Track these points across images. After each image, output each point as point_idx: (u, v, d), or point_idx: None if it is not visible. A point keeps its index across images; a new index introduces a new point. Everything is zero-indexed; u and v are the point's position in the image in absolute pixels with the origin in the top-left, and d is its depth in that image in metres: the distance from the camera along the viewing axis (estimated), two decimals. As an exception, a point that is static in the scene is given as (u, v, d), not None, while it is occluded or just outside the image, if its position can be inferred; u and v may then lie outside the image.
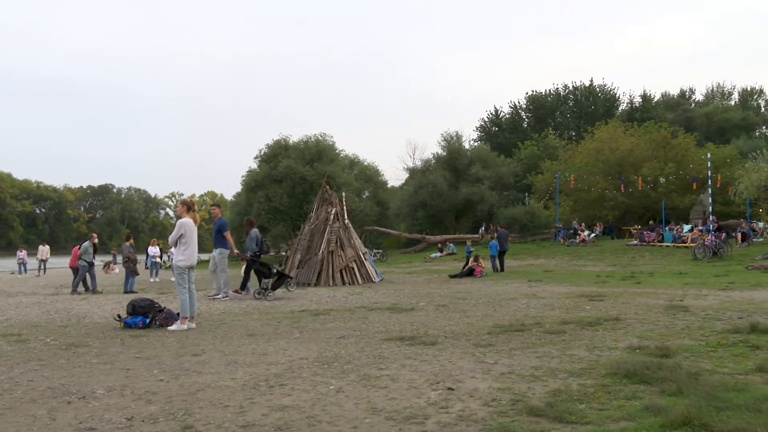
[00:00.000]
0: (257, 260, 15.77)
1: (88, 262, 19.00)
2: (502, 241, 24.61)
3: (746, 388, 5.06)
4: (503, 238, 24.83)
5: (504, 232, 25.82)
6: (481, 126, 68.41)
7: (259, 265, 15.54)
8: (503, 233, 25.58)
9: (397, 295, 15.27)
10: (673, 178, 39.16)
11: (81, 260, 18.95)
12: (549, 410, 4.72)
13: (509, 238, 25.21)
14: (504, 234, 25.49)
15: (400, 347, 7.66)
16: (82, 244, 19.71)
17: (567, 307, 11.59)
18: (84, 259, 18.95)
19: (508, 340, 7.94)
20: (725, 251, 25.17)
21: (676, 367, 5.75)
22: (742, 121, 63.27)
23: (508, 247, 25.24)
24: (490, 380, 5.83)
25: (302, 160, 42.74)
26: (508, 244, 25.14)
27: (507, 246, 25.08)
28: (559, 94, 66.31)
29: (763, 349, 6.81)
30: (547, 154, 51.43)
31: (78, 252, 19.19)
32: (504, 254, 24.66)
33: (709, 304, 11.35)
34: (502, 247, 24.38)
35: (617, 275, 19.81)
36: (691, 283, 16.20)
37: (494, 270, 23.72)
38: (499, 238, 24.78)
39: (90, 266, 19.11)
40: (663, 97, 72.42)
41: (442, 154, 48.52)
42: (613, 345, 7.42)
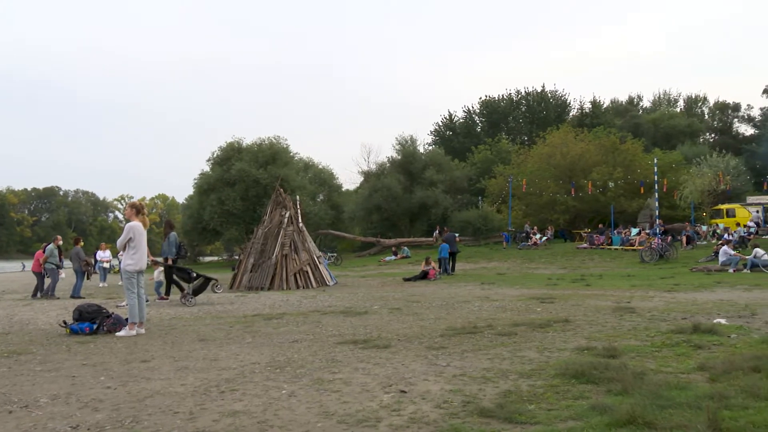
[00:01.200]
0: (175, 265, 15.48)
1: (56, 265, 18.35)
2: (450, 243, 24.89)
3: (688, 387, 5.22)
4: (450, 241, 25.08)
5: (451, 235, 26.13)
6: (436, 130, 68.94)
7: (176, 270, 15.28)
8: (450, 236, 25.88)
9: (351, 298, 15.25)
10: (621, 183, 40.14)
11: (49, 263, 18.32)
12: (499, 411, 4.78)
13: (457, 240, 25.45)
14: (451, 237, 25.76)
15: (354, 351, 7.65)
16: (46, 247, 19.05)
17: (518, 309, 11.75)
18: (51, 262, 18.32)
19: (461, 343, 8.01)
20: (671, 254, 25.91)
21: (622, 367, 5.89)
22: (687, 128, 65.27)
23: (457, 249, 25.48)
24: (442, 382, 5.87)
25: (256, 163, 42.32)
26: (456, 246, 25.37)
27: (455, 248, 25.31)
28: (511, 100, 67.27)
29: (705, 348, 7.03)
30: (500, 158, 52.14)
31: (43, 256, 18.54)
32: (454, 256, 24.91)
33: (655, 305, 11.66)
34: (451, 249, 24.68)
35: (568, 278, 20.19)
36: (638, 285, 16.62)
37: (444, 273, 24.03)
38: (446, 241, 25.05)
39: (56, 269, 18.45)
40: (612, 104, 74.13)
41: (397, 158, 48.75)
42: (563, 346, 7.55)
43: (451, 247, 24.73)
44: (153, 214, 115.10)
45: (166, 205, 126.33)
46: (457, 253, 25.30)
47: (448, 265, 24.27)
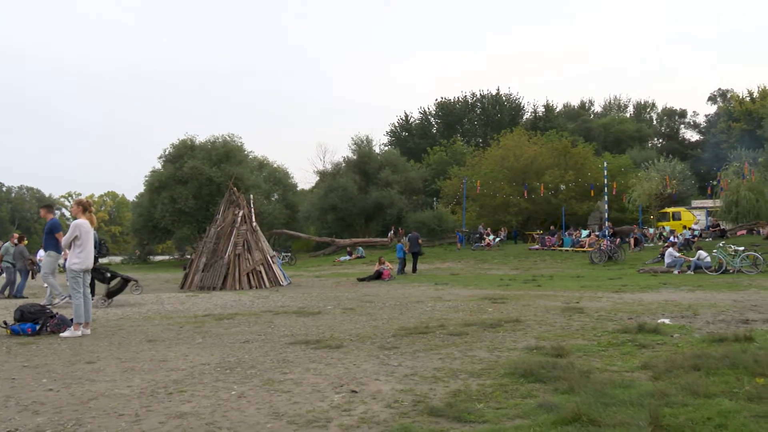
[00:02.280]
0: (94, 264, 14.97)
1: (11, 263, 17.64)
2: (412, 243, 25.12)
3: (632, 385, 5.36)
4: (413, 241, 25.37)
5: (414, 236, 26.35)
6: (392, 131, 69.20)
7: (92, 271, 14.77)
8: (413, 236, 26.12)
9: (304, 298, 15.17)
10: (572, 186, 40.96)
11: (4, 262, 17.64)
12: (449, 410, 4.82)
13: (420, 241, 25.77)
14: (414, 237, 25.99)
15: (305, 351, 7.62)
16: (3, 245, 18.34)
17: (471, 309, 11.87)
18: (6, 260, 17.63)
19: (413, 343, 8.05)
20: (619, 255, 26.53)
21: (569, 366, 6.01)
22: (636, 133, 67.01)
23: (418, 250, 25.71)
24: (393, 382, 5.89)
25: (209, 160, 41.75)
26: (418, 246, 25.61)
27: (417, 248, 25.52)
28: (467, 102, 67.96)
29: (649, 347, 7.23)
30: (455, 159, 52.61)
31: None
32: (416, 256, 25.23)
33: (603, 305, 11.92)
34: (412, 250, 24.89)
35: (519, 278, 20.48)
36: (587, 285, 16.96)
37: (398, 272, 24.31)
38: (409, 241, 25.39)
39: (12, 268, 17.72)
40: (565, 108, 75.55)
41: (353, 158, 48.73)
42: (513, 346, 7.66)
43: (412, 248, 25.09)
44: (102, 212, 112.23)
45: (116, 203, 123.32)
46: (420, 254, 25.54)
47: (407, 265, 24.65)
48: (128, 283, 14.89)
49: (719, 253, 20.25)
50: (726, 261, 19.86)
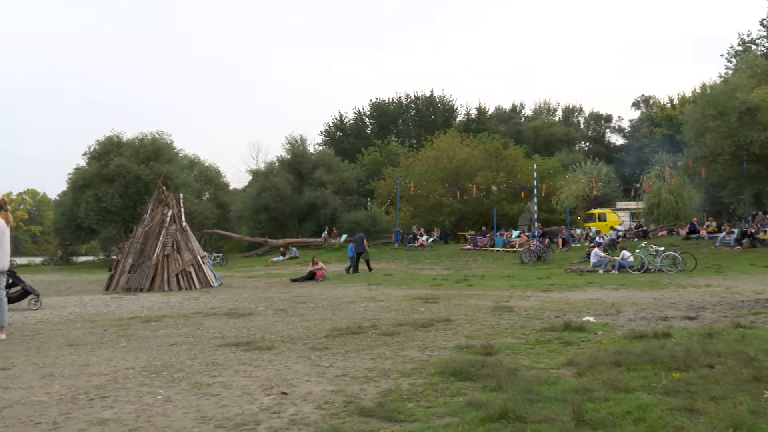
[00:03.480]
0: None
1: None
2: (358, 244, 25.42)
3: (557, 381, 5.50)
4: (359, 242, 25.55)
5: (359, 236, 26.52)
6: (326, 131, 68.94)
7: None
8: (358, 237, 26.29)
9: (235, 299, 14.93)
10: (503, 187, 41.78)
11: None
12: (379, 410, 4.84)
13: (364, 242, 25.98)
14: (359, 237, 26.16)
15: (235, 353, 7.50)
16: None
17: (403, 309, 11.94)
18: None
19: (344, 343, 8.03)
20: (548, 255, 27.22)
21: (498, 364, 6.12)
22: (564, 136, 68.97)
23: (363, 250, 25.80)
24: (324, 383, 5.86)
25: (137, 158, 40.50)
26: (363, 247, 25.77)
27: (363, 248, 25.67)
28: (401, 103, 68.40)
29: (574, 345, 7.44)
30: (389, 160, 52.85)
31: None
32: (361, 256, 25.54)
33: (531, 304, 12.21)
34: (358, 250, 25.27)
35: (452, 278, 20.73)
36: (517, 285, 17.33)
37: (346, 271, 24.88)
38: (355, 241, 25.70)
39: None
40: (496, 111, 77.00)
41: (286, 157, 48.27)
42: (443, 345, 7.74)
43: (357, 248, 25.34)
44: (20, 211, 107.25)
45: (36, 201, 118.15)
46: (362, 254, 25.73)
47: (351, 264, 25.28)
48: (26, 296, 13.54)
49: (641, 253, 21.03)
50: (648, 261, 20.64)
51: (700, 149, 27.09)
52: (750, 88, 24.22)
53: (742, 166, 26.80)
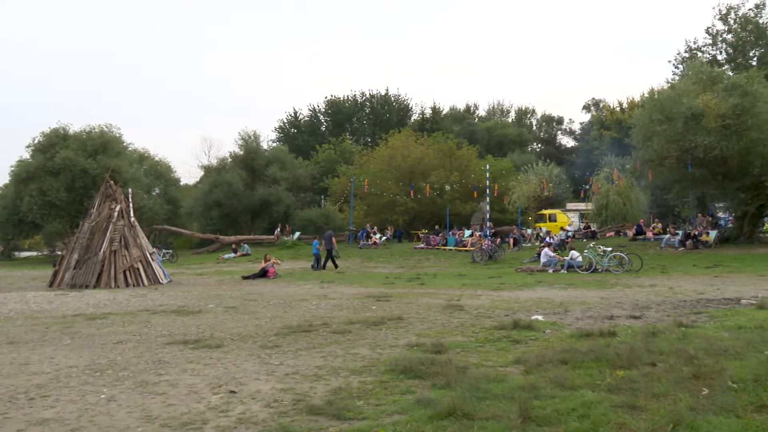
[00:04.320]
0: None
1: None
2: (327, 241, 25.73)
3: (505, 379, 5.58)
4: (328, 239, 25.85)
5: (329, 234, 26.75)
6: (280, 127, 68.37)
7: None
8: (328, 234, 26.56)
9: (185, 297, 14.68)
10: (456, 187, 42.10)
11: None
12: (328, 408, 4.83)
13: (333, 239, 26.18)
14: (328, 235, 26.40)
15: (183, 351, 7.38)
16: None
17: (355, 307, 11.94)
18: None
19: (295, 341, 7.99)
20: (499, 255, 27.56)
21: (447, 362, 6.17)
22: (517, 137, 69.96)
23: (331, 247, 26.04)
24: (273, 381, 5.82)
25: (84, 151, 39.35)
26: (331, 243, 26.05)
27: (330, 245, 25.91)
28: (356, 101, 68.33)
29: (522, 343, 7.56)
30: (343, 158, 52.71)
31: None
32: (330, 253, 25.80)
33: (482, 303, 12.35)
34: (327, 247, 25.57)
35: (404, 277, 20.81)
36: (468, 284, 17.50)
37: (313, 268, 25.18)
38: (324, 239, 26.00)
39: None
40: (451, 111, 77.59)
41: (239, 153, 47.67)
42: (394, 343, 7.77)
43: (326, 245, 25.67)
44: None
45: None
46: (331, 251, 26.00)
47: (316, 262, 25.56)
48: None
49: (590, 254, 21.48)
50: (595, 261, 21.10)
51: (647, 153, 27.73)
52: (695, 94, 24.93)
53: (687, 170, 27.57)
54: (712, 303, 11.35)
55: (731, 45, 45.86)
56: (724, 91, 24.74)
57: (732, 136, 24.27)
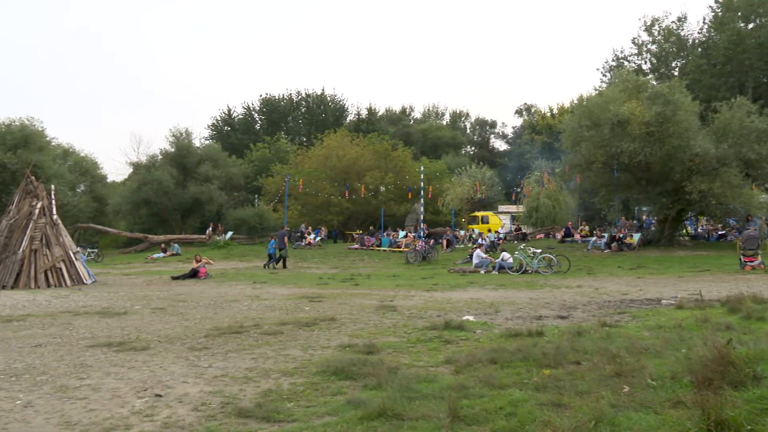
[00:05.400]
0: None
1: None
2: (280, 240, 26.00)
3: (435, 379, 5.63)
4: (280, 238, 26.11)
5: (282, 233, 26.90)
6: (213, 124, 67.13)
7: None
8: (281, 233, 26.76)
9: (110, 298, 14.20)
10: (391, 188, 42.33)
11: None
12: (258, 411, 4.76)
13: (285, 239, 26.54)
14: (281, 234, 26.59)
15: (107, 354, 7.13)
16: None
17: (287, 308, 11.82)
18: None
19: (225, 343, 7.84)
20: (433, 256, 27.85)
21: (379, 363, 6.18)
22: (451, 140, 70.90)
23: (284, 246, 26.25)
24: (202, 384, 5.70)
25: (3, 145, 37.56)
26: (283, 243, 26.22)
27: (284, 245, 26.16)
28: (292, 100, 67.77)
29: (453, 343, 7.65)
30: (278, 157, 52.19)
31: None
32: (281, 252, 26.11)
33: (415, 304, 12.43)
34: (279, 246, 25.93)
35: (338, 277, 20.76)
36: (402, 284, 17.60)
37: (265, 266, 25.64)
38: (277, 238, 26.34)
39: None
40: (386, 112, 77.94)
41: (170, 150, 46.50)
42: (327, 344, 7.73)
43: (278, 244, 25.96)
44: None
45: None
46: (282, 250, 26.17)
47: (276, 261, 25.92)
48: None
49: (520, 255, 21.95)
50: (526, 262, 21.56)
51: (576, 157, 28.58)
52: (621, 101, 25.82)
53: (613, 175, 28.58)
54: (634, 303, 11.77)
55: (655, 55, 47.92)
56: (648, 99, 25.73)
57: (655, 143, 25.27)
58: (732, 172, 25.01)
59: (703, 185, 24.64)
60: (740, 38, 39.60)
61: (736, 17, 41.16)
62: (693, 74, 40.49)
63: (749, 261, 18.85)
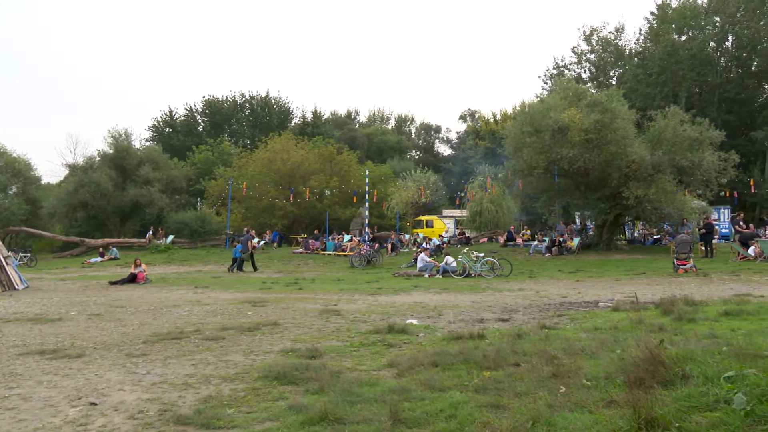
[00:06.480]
0: None
1: None
2: (244, 244, 26.15)
3: (377, 383, 5.65)
4: (245, 242, 26.19)
5: (246, 237, 26.80)
6: (154, 126, 65.66)
7: None
8: (245, 237, 26.72)
9: (43, 303, 13.72)
10: (336, 191, 42.26)
11: None
12: (197, 417, 4.68)
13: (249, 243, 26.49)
14: (246, 239, 26.54)
15: (39, 362, 6.89)
16: None
17: (230, 313, 11.66)
18: None
19: (164, 349, 7.68)
20: (377, 260, 27.91)
21: (321, 367, 6.16)
22: (396, 144, 71.34)
23: (247, 250, 26.21)
24: (139, 391, 5.57)
25: (-74, 145, 36.04)
26: (247, 247, 26.21)
27: (246, 249, 26.15)
28: (236, 102, 66.93)
29: (396, 346, 7.69)
30: (221, 160, 51.47)
31: None
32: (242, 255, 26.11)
33: (359, 308, 12.43)
34: (244, 250, 26.02)
35: (282, 281, 20.58)
36: (346, 288, 17.58)
37: (230, 270, 25.77)
38: (242, 242, 26.49)
39: None
40: (332, 116, 77.90)
41: (109, 152, 45.26)
42: (269, 349, 7.66)
43: (243, 248, 26.02)
44: None
45: None
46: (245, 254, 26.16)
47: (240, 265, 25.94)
48: None
49: (463, 259, 22.19)
50: (469, 266, 21.82)
51: (518, 163, 29.13)
52: (562, 108, 26.48)
53: (554, 180, 29.25)
54: (573, 306, 12.07)
55: (594, 64, 49.37)
56: (587, 107, 26.44)
57: (593, 150, 26.00)
58: (666, 178, 25.94)
59: (639, 191, 25.45)
60: (674, 49, 41.15)
61: (671, 29, 42.78)
62: (630, 83, 41.90)
63: (682, 264, 19.55)
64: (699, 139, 26.24)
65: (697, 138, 26.22)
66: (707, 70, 42.15)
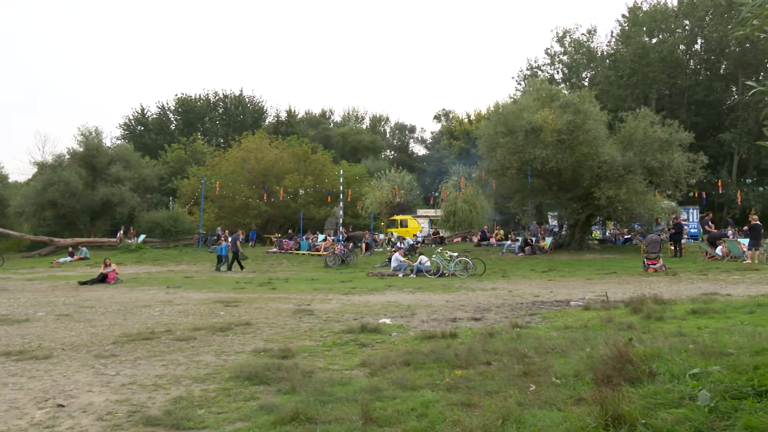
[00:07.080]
0: None
1: None
2: (233, 243, 26.58)
3: (349, 382, 5.65)
4: (233, 242, 26.69)
5: (235, 236, 27.42)
6: (126, 124, 64.80)
7: None
8: (234, 237, 27.25)
9: (10, 304, 13.46)
10: (311, 191, 42.14)
11: None
12: (167, 418, 4.65)
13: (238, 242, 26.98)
14: (234, 238, 27.15)
15: (5, 364, 6.78)
16: None
17: (202, 313, 11.57)
18: None
19: (134, 350, 7.60)
20: (351, 260, 27.90)
21: (293, 367, 6.15)
22: (371, 144, 71.34)
23: (237, 250, 26.51)
24: (108, 393, 5.50)
25: None
26: (237, 246, 26.58)
27: (236, 248, 26.48)
28: (209, 100, 66.33)
29: (369, 346, 7.69)
30: (194, 159, 51.00)
31: None
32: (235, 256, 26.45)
33: (332, 307, 12.42)
34: (233, 249, 26.45)
35: (255, 281, 20.46)
36: (320, 288, 17.54)
37: (217, 269, 26.10)
38: (231, 241, 26.97)
39: None
40: (306, 115, 77.63)
41: (79, 150, 44.57)
42: (241, 349, 7.62)
43: (232, 247, 26.41)
44: None
45: None
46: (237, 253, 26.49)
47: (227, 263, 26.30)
48: None
49: (437, 258, 22.28)
50: (443, 265, 21.92)
51: (492, 163, 29.31)
52: (535, 109, 26.70)
53: (527, 180, 29.50)
54: (545, 305, 12.19)
55: (567, 66, 49.86)
56: (560, 108, 26.71)
57: (566, 150, 26.26)
58: (637, 179, 26.31)
59: (610, 191, 25.78)
60: (645, 52, 41.73)
61: (642, 32, 43.37)
62: (602, 85, 42.39)
63: (652, 264, 19.85)
64: (669, 141, 26.65)
65: (666, 139, 26.63)
66: (677, 73, 42.83)
